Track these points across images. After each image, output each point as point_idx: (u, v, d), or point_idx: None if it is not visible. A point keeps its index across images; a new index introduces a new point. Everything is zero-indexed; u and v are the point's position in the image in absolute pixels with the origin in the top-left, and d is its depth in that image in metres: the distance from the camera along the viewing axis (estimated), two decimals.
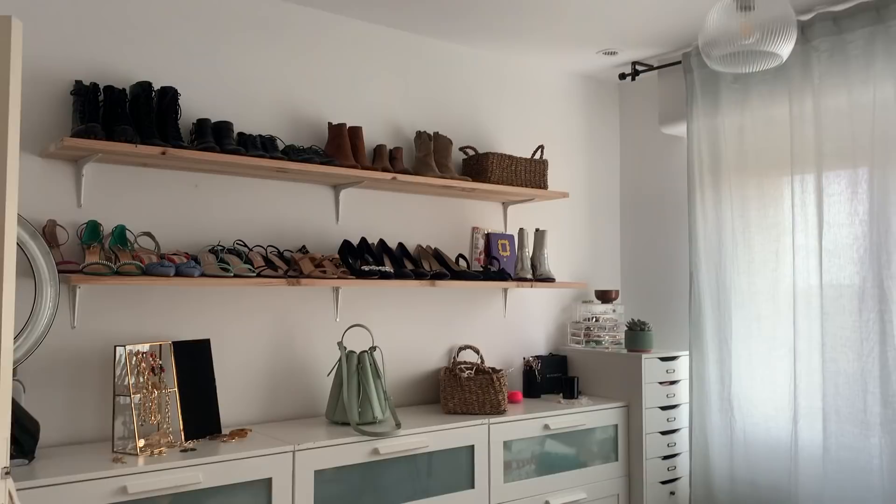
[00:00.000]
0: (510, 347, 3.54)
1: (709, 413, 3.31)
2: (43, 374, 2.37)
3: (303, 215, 2.94)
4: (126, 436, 2.36)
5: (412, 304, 3.22)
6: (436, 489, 2.69)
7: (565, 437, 3.10)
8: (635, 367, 3.29)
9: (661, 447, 3.32)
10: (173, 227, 2.64)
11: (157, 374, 2.43)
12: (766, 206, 3.20)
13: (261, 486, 2.30)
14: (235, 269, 2.52)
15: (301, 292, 2.91)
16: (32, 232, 2.20)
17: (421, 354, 3.24)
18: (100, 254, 2.38)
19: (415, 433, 2.65)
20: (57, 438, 2.38)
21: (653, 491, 3.27)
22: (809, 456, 2.95)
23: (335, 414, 2.73)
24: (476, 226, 3.46)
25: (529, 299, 3.62)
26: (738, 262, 3.27)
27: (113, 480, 2.05)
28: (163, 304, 2.60)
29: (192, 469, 2.17)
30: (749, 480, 3.17)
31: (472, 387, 2.97)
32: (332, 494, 2.45)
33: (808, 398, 2.97)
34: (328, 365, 2.96)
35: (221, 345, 2.71)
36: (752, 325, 3.22)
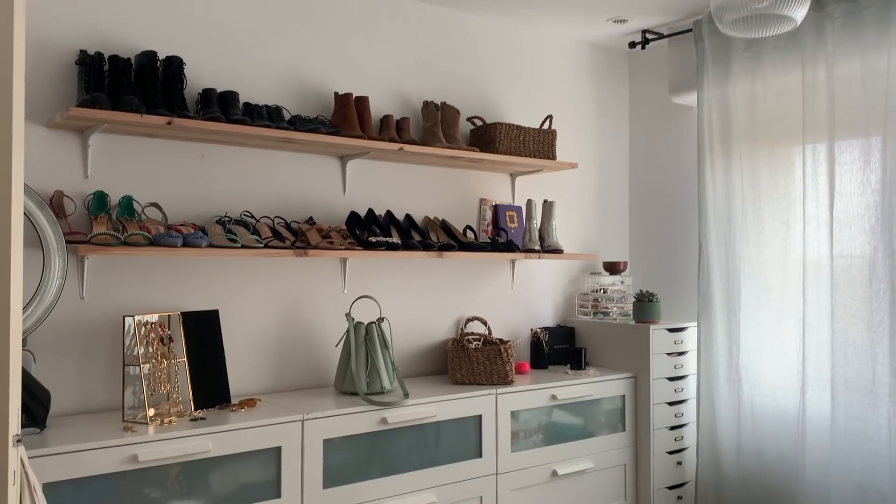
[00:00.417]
0: (518, 319, 3.54)
1: (716, 384, 3.31)
2: (53, 345, 2.38)
3: (309, 186, 2.93)
4: (136, 405, 2.37)
5: (420, 276, 3.21)
6: (443, 458, 2.71)
7: (572, 407, 3.11)
8: (643, 338, 3.29)
9: (669, 418, 3.33)
10: (180, 198, 2.64)
11: (166, 344, 2.44)
12: (777, 175, 3.17)
13: (270, 455, 2.32)
14: (243, 240, 2.51)
15: (308, 263, 2.91)
16: (40, 202, 2.20)
17: (428, 326, 3.24)
18: (107, 224, 2.37)
19: (423, 403, 2.67)
20: (68, 408, 2.40)
21: (659, 460, 3.29)
22: (817, 426, 2.96)
23: (343, 384, 2.74)
24: (484, 197, 3.44)
25: (537, 271, 3.61)
26: (747, 233, 3.25)
27: (123, 449, 2.06)
28: (170, 275, 2.60)
29: (201, 438, 2.19)
30: (756, 451, 3.18)
31: (479, 358, 2.98)
32: (340, 463, 2.47)
33: (816, 369, 2.97)
34: (336, 336, 2.97)
35: (229, 315, 2.72)
36: (761, 295, 3.20)
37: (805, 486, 2.96)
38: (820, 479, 2.92)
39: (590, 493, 3.13)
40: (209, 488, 2.21)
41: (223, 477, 2.23)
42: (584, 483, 3.11)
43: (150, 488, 2.11)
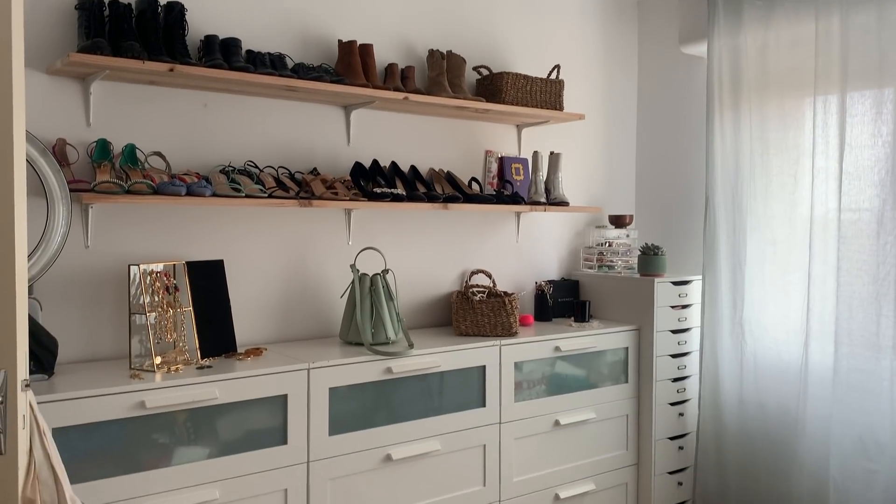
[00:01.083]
0: (522, 272, 3.54)
1: (720, 336, 3.32)
2: (59, 293, 2.39)
3: (313, 137, 2.90)
4: (143, 353, 2.39)
5: (424, 228, 3.21)
6: (447, 407, 2.74)
7: (576, 358, 3.13)
8: (647, 291, 3.29)
9: (672, 370, 3.35)
10: (183, 147, 2.62)
11: (171, 293, 2.44)
12: (787, 127, 3.13)
13: (277, 403, 2.35)
14: (247, 190, 2.50)
15: (313, 214, 2.90)
16: (42, 149, 2.18)
17: (433, 278, 3.25)
18: (110, 173, 2.36)
19: (427, 353, 2.68)
20: (74, 355, 2.42)
21: (662, 411, 3.32)
22: (819, 378, 2.97)
23: (349, 335, 2.75)
24: (489, 149, 3.41)
25: (542, 224, 3.60)
26: (755, 186, 3.22)
27: (131, 395, 2.09)
28: (175, 224, 2.60)
29: (208, 385, 2.21)
30: (757, 402, 3.21)
31: (483, 310, 2.98)
32: (346, 411, 2.49)
33: (820, 322, 2.97)
34: (341, 287, 2.98)
35: (234, 266, 2.72)
36: (767, 249, 3.19)
37: (805, 437, 2.99)
38: (820, 431, 2.95)
39: (591, 442, 3.17)
40: (216, 434, 2.24)
41: (230, 423, 2.26)
42: (585, 433, 3.15)
43: (158, 434, 2.14)
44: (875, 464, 2.76)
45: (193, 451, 2.20)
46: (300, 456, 2.38)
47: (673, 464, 3.38)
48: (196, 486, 2.19)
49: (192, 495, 2.18)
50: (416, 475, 2.65)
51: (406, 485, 2.63)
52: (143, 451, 2.12)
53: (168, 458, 2.16)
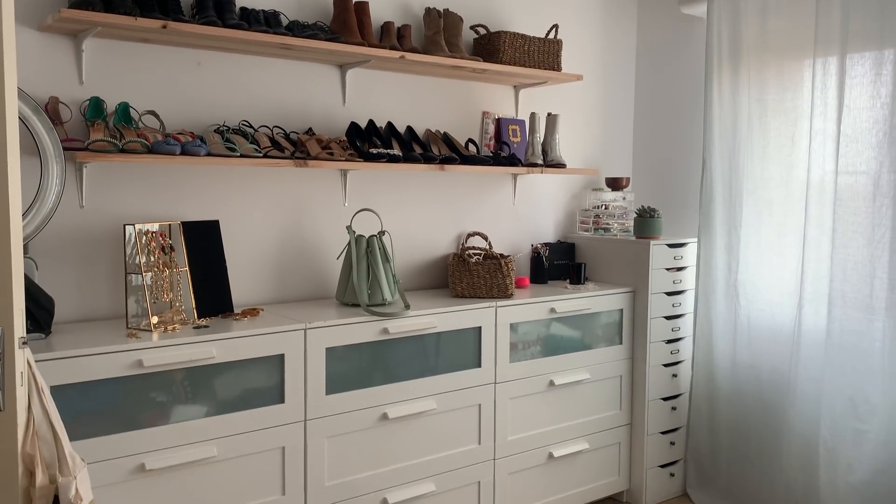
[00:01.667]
0: (518, 234, 3.54)
1: (714, 299, 3.34)
2: (54, 253, 2.38)
3: (309, 96, 2.88)
4: (139, 313, 2.40)
5: (421, 190, 3.19)
6: (443, 367, 2.76)
7: (571, 320, 3.15)
8: (643, 253, 3.30)
9: (666, 331, 3.38)
10: (176, 106, 2.59)
11: (167, 253, 2.44)
12: (785, 89, 3.11)
13: (274, 362, 2.36)
14: (242, 150, 2.48)
15: (308, 175, 2.89)
16: (35, 107, 2.16)
17: (429, 240, 3.25)
18: (104, 132, 2.34)
19: (424, 314, 2.69)
20: (71, 315, 2.42)
21: (655, 373, 3.35)
22: (812, 340, 3.00)
23: (345, 296, 2.76)
24: (486, 110, 3.38)
25: (539, 186, 3.59)
26: (752, 148, 3.21)
27: (129, 354, 2.10)
28: (169, 184, 2.58)
29: (206, 344, 2.22)
30: (750, 364, 3.24)
31: (480, 271, 2.99)
32: (343, 370, 2.51)
33: (814, 284, 2.99)
34: (337, 248, 2.98)
35: (230, 226, 2.72)
36: (763, 211, 3.20)
37: (797, 398, 3.03)
38: (812, 392, 2.98)
39: (586, 402, 3.20)
40: (214, 393, 2.26)
41: (228, 382, 2.28)
42: (580, 393, 3.18)
43: (156, 392, 2.15)
44: (865, 424, 2.80)
45: (191, 410, 2.22)
46: (297, 414, 2.41)
47: (666, 424, 3.42)
48: (194, 444, 2.22)
49: (191, 452, 2.20)
50: (412, 434, 2.68)
51: (402, 443, 2.66)
52: (142, 409, 2.13)
53: (166, 417, 2.17)
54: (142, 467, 2.12)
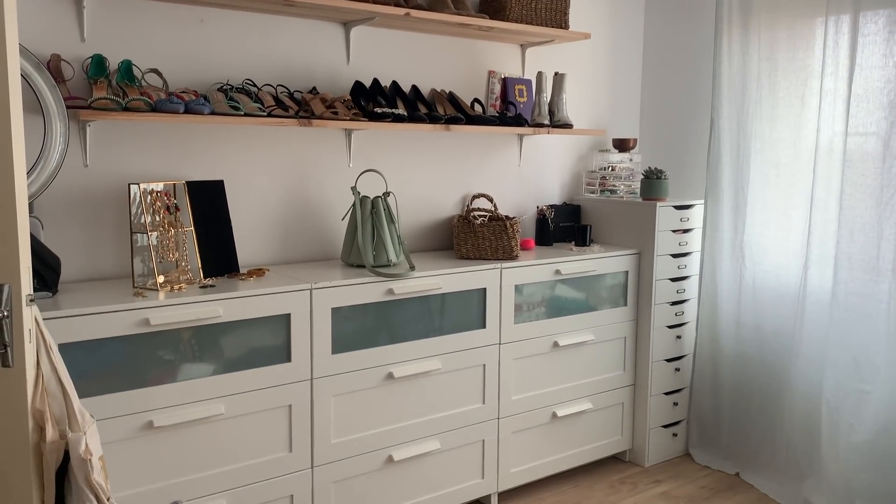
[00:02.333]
0: (524, 196, 3.53)
1: (720, 261, 3.33)
2: (59, 213, 2.38)
3: (312, 55, 2.84)
4: (145, 273, 2.40)
5: (426, 150, 3.17)
6: (448, 328, 2.77)
7: (576, 282, 3.15)
8: (649, 215, 3.28)
9: (671, 293, 3.38)
10: (179, 64, 2.56)
11: (172, 213, 2.44)
12: (796, 48, 3.07)
13: (280, 322, 2.37)
14: (245, 108, 2.46)
15: (313, 135, 2.87)
16: (37, 64, 2.14)
17: (434, 201, 3.23)
18: (107, 90, 2.32)
19: (429, 275, 2.70)
20: (77, 274, 2.43)
21: (659, 334, 3.36)
22: (817, 302, 3.00)
23: (350, 257, 2.76)
24: (492, 69, 3.34)
25: (545, 147, 3.56)
26: (761, 108, 3.18)
27: (136, 313, 2.11)
28: (173, 143, 2.57)
29: (212, 303, 2.23)
30: (754, 325, 3.24)
31: (485, 233, 2.98)
32: (348, 330, 2.52)
33: (820, 246, 2.98)
34: (342, 209, 2.97)
35: (234, 186, 2.71)
36: (771, 172, 3.18)
37: (800, 359, 3.04)
38: (815, 353, 2.99)
39: (590, 363, 3.22)
40: (221, 352, 2.27)
41: (234, 341, 2.29)
42: (584, 354, 3.19)
43: (163, 351, 2.17)
44: (868, 385, 2.81)
45: (199, 368, 2.23)
46: (304, 373, 2.43)
47: (669, 385, 3.44)
48: (202, 402, 2.24)
49: (198, 410, 2.23)
50: (417, 393, 2.70)
51: (407, 402, 2.68)
52: (149, 368, 2.15)
53: (174, 375, 2.19)
54: (150, 424, 2.15)
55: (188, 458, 2.24)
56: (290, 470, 2.43)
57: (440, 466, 2.80)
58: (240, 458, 2.33)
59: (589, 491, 3.17)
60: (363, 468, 2.60)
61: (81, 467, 1.64)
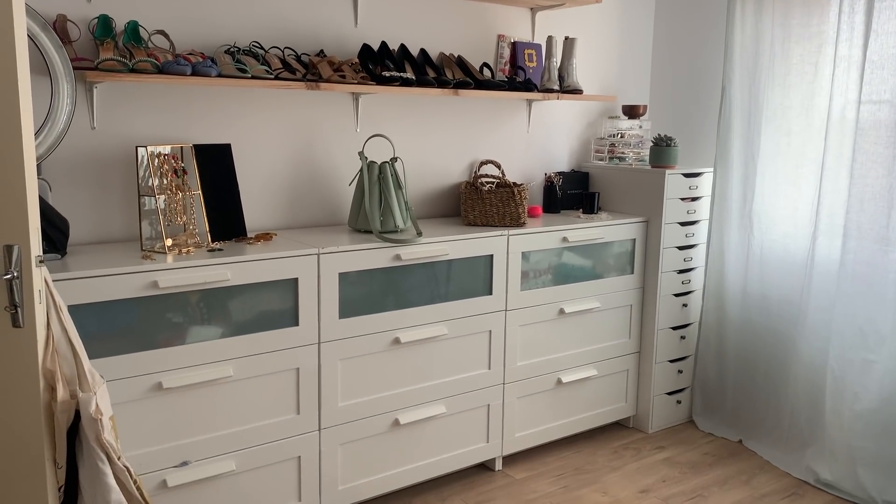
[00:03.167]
0: (532, 163, 3.51)
1: (728, 229, 3.32)
2: (67, 175, 2.38)
3: (320, 17, 2.81)
4: (153, 236, 2.41)
5: (434, 115, 3.15)
6: (455, 294, 2.77)
7: (583, 249, 3.15)
8: (658, 183, 3.26)
9: (678, 261, 3.37)
10: (186, 26, 2.54)
11: (180, 176, 2.43)
12: (811, 14, 3.02)
13: (287, 286, 2.38)
14: (253, 71, 2.44)
15: (320, 99, 2.85)
16: (43, 24, 2.12)
17: (442, 167, 3.22)
18: (113, 51, 2.30)
19: (436, 241, 2.69)
20: (85, 237, 2.44)
21: (665, 302, 3.36)
22: (824, 271, 2.99)
23: (357, 222, 2.76)
24: (502, 33, 3.30)
25: (554, 113, 3.53)
26: (773, 75, 3.14)
27: (144, 275, 2.11)
28: (180, 106, 2.56)
29: (220, 267, 2.24)
30: (761, 294, 3.24)
31: (492, 200, 2.97)
32: (355, 295, 2.53)
33: (830, 215, 2.96)
34: (349, 175, 2.96)
35: (241, 150, 2.70)
36: (782, 140, 3.15)
37: (806, 328, 3.04)
38: (821, 322, 2.99)
39: (595, 330, 3.23)
40: (229, 315, 2.28)
41: (242, 305, 2.30)
42: (590, 321, 3.20)
43: (172, 313, 2.18)
44: (874, 354, 2.82)
45: (207, 331, 2.25)
46: (311, 337, 2.44)
47: (674, 352, 3.45)
48: (210, 364, 2.26)
49: (207, 372, 2.25)
50: (423, 357, 2.72)
51: (413, 366, 2.70)
52: (158, 330, 2.17)
53: (182, 337, 2.21)
54: (159, 386, 2.17)
55: (197, 419, 2.26)
56: (298, 432, 2.46)
57: (445, 430, 2.83)
58: (248, 420, 2.36)
59: (592, 456, 3.20)
60: (369, 431, 2.63)
61: (92, 427, 1.67)
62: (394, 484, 2.73)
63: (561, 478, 3.01)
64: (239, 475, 2.37)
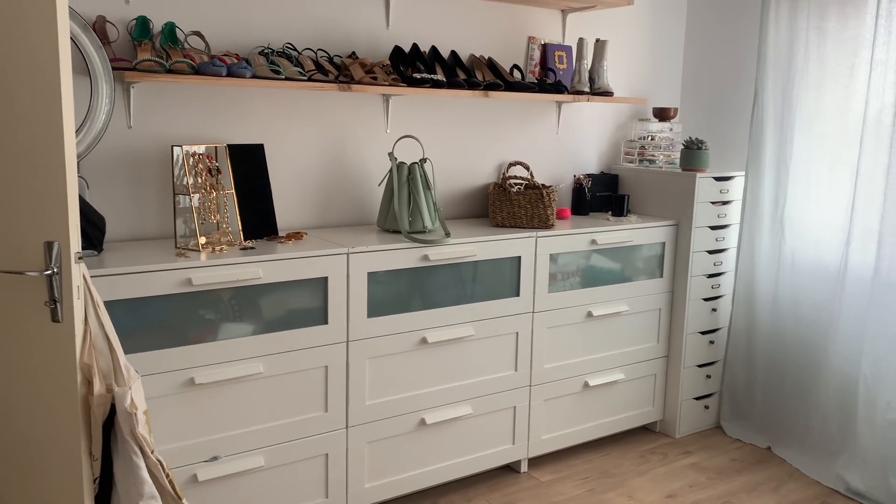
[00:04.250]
0: (561, 165, 3.50)
1: (759, 234, 3.29)
2: (104, 173, 2.43)
3: (352, 19, 2.83)
4: (187, 234, 2.45)
5: (463, 117, 3.16)
6: (482, 295, 2.78)
7: (612, 252, 3.13)
8: (688, 186, 3.24)
9: (708, 265, 3.35)
10: (221, 27, 2.57)
11: (214, 175, 2.47)
12: (847, 16, 2.98)
13: (317, 284, 2.40)
14: (286, 72, 2.47)
15: (351, 100, 2.87)
16: (84, 25, 2.17)
17: (471, 169, 3.23)
18: (151, 52, 2.34)
19: (464, 242, 2.70)
20: (121, 234, 2.49)
21: (695, 306, 3.34)
22: (857, 277, 2.95)
23: (386, 222, 2.78)
24: (532, 35, 3.30)
25: (584, 115, 3.53)
26: (807, 78, 3.10)
27: (178, 272, 2.15)
28: (215, 106, 2.60)
29: (252, 265, 2.27)
30: (792, 299, 3.21)
31: (521, 201, 2.98)
32: (384, 294, 2.55)
33: (864, 220, 2.92)
34: (378, 175, 2.98)
35: (274, 150, 2.73)
36: (815, 144, 3.11)
37: (838, 334, 3.00)
38: (854, 329, 2.95)
39: (623, 333, 3.22)
40: (260, 312, 2.31)
41: (273, 302, 2.33)
42: (618, 324, 3.19)
43: (205, 310, 2.22)
44: None
45: (238, 328, 2.28)
46: (340, 335, 2.46)
47: (702, 357, 3.43)
48: (241, 361, 2.29)
49: (237, 369, 2.28)
50: (450, 358, 2.73)
51: (440, 367, 2.72)
52: (191, 326, 2.20)
53: (214, 333, 2.24)
54: (191, 381, 2.21)
55: (227, 415, 2.30)
56: (326, 429, 2.49)
57: (472, 431, 2.84)
58: (277, 417, 2.39)
59: (619, 460, 3.19)
60: (396, 430, 2.64)
61: (127, 420, 1.70)
62: (419, 483, 2.75)
63: (587, 481, 3.00)
64: (268, 471, 2.40)
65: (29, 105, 1.58)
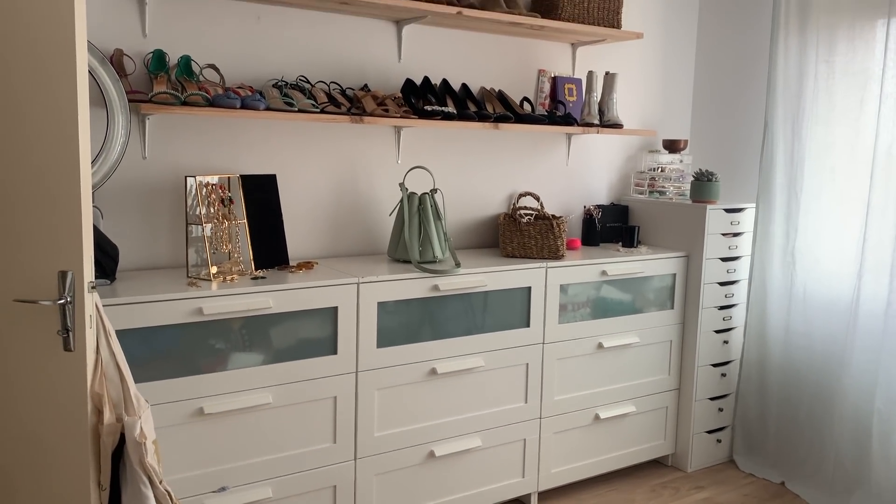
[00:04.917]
0: (571, 195, 3.51)
1: (770, 266, 3.28)
2: (118, 203, 2.46)
3: (365, 52, 2.88)
4: (199, 263, 2.47)
5: (474, 148, 3.19)
6: (492, 326, 2.78)
7: (622, 283, 3.13)
8: (699, 217, 3.24)
9: (719, 297, 3.33)
10: (236, 60, 2.62)
11: (226, 205, 2.49)
12: (856, 49, 2.99)
13: (327, 314, 2.41)
14: (299, 105, 2.51)
15: (363, 131, 2.90)
16: (101, 58, 2.21)
17: (481, 199, 3.24)
18: (166, 84, 2.38)
19: (474, 273, 2.71)
20: (134, 263, 2.51)
21: (706, 338, 3.32)
22: (870, 311, 2.93)
23: (396, 252, 2.79)
24: (542, 68, 3.34)
25: (594, 147, 3.54)
26: (817, 111, 3.11)
27: (189, 302, 2.16)
28: (228, 137, 2.63)
29: (263, 295, 2.28)
30: (805, 332, 3.18)
31: (531, 232, 2.98)
32: (393, 324, 2.55)
33: (876, 253, 2.90)
34: (390, 205, 3.00)
35: (286, 180, 2.76)
36: (826, 177, 3.11)
37: (852, 367, 2.97)
38: (868, 362, 2.92)
39: (634, 365, 3.20)
40: (270, 342, 2.32)
41: (283, 332, 2.34)
42: (628, 356, 3.17)
43: (215, 339, 2.23)
44: None
45: (248, 357, 2.29)
46: (349, 366, 2.46)
47: (714, 390, 3.40)
48: (250, 391, 2.29)
49: (247, 398, 2.28)
50: (459, 389, 2.72)
51: (450, 398, 2.70)
52: (201, 356, 2.21)
53: (224, 363, 2.25)
54: (200, 411, 2.21)
55: (236, 445, 2.29)
56: (334, 461, 2.48)
57: (481, 463, 2.82)
58: (285, 448, 2.38)
59: (630, 494, 3.15)
60: (405, 462, 2.63)
61: (136, 450, 1.70)
62: None
63: None
64: (275, 502, 2.38)
65: (46, 136, 1.61)
